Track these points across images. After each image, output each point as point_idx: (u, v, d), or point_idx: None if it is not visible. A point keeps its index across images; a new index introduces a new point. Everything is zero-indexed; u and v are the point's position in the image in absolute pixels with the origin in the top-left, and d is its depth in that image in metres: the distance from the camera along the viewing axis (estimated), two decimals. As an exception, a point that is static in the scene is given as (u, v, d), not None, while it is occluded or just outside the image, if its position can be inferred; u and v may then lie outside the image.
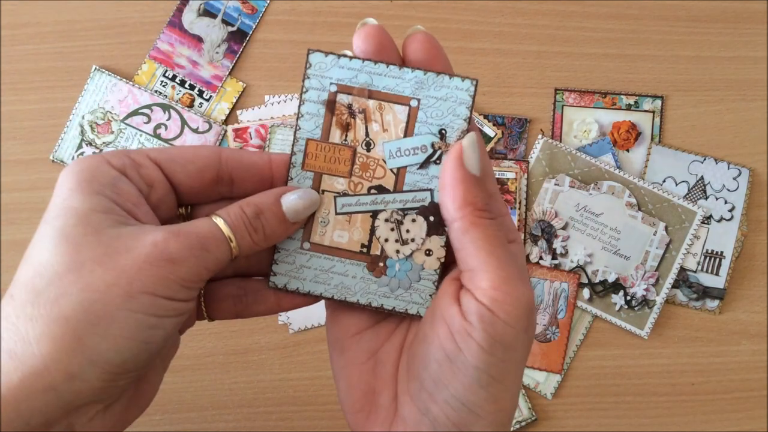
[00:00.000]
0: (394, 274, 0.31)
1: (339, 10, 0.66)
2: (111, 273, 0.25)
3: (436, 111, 0.30)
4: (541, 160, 0.66)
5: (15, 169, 0.64)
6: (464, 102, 0.30)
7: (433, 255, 0.31)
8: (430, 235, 0.31)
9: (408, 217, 0.31)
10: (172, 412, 0.63)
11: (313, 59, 0.31)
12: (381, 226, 0.31)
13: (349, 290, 0.31)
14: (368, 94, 0.30)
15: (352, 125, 0.31)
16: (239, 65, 0.66)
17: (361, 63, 0.30)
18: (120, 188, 0.27)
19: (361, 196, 0.31)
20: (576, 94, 0.67)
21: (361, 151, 0.31)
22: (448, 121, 0.30)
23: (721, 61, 0.68)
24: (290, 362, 0.64)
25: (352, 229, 0.31)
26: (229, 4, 0.66)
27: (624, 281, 0.65)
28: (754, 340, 0.66)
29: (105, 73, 0.64)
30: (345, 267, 0.31)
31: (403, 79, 0.30)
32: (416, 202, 0.31)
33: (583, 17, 0.68)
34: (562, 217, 0.65)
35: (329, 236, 0.31)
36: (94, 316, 0.24)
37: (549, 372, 0.65)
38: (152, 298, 0.25)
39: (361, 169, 0.31)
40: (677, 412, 0.65)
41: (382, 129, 0.31)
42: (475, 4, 0.67)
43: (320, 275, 0.31)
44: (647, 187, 0.65)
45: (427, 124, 0.30)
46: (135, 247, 0.25)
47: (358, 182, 0.31)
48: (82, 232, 0.25)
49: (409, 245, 0.31)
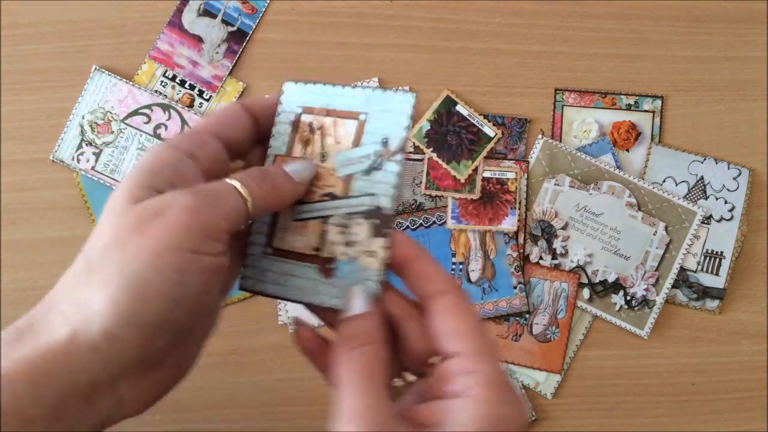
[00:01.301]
0: (343, 275, 0.33)
1: (339, 10, 0.66)
2: (141, 236, 0.27)
3: (381, 122, 0.33)
4: (541, 160, 0.66)
5: (15, 169, 0.64)
6: (405, 113, 0.33)
7: (377, 255, 0.32)
8: (375, 236, 0.33)
9: (353, 221, 0.33)
10: (172, 412, 0.63)
11: (285, 88, 0.35)
12: (331, 230, 0.33)
13: (303, 291, 0.33)
14: (326, 112, 0.34)
15: (311, 140, 0.34)
16: (239, 65, 0.66)
17: (323, 86, 0.35)
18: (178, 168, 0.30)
19: (314, 203, 0.34)
20: (576, 94, 0.67)
21: (317, 162, 0.34)
22: (390, 131, 0.33)
23: (721, 61, 0.68)
24: (290, 362, 0.64)
25: (307, 234, 0.34)
26: (229, 4, 0.66)
27: (624, 281, 0.65)
28: (754, 340, 0.66)
29: (105, 73, 0.64)
30: (300, 270, 0.34)
31: (355, 98, 0.34)
32: (361, 206, 0.33)
33: (583, 17, 0.68)
34: (562, 217, 0.65)
35: (288, 241, 0.34)
36: (127, 277, 0.26)
37: (549, 372, 0.65)
38: (177, 252, 0.27)
39: (316, 179, 0.34)
40: (677, 412, 0.65)
41: (335, 142, 0.34)
42: (475, 4, 0.67)
43: (280, 278, 0.34)
44: (647, 187, 0.65)
45: (373, 135, 0.33)
46: (161, 209, 0.27)
47: (313, 190, 0.34)
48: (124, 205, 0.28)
49: (354, 247, 0.33)
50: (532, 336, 0.65)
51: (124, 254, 0.26)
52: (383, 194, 0.33)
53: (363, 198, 0.33)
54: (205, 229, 0.28)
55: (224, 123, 0.33)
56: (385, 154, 0.33)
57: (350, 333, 0.30)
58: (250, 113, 0.34)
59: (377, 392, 0.28)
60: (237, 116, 0.33)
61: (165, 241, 0.26)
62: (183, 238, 0.27)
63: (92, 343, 0.26)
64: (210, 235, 0.28)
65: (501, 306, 0.64)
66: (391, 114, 0.33)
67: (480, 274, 0.65)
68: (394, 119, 0.33)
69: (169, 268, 0.26)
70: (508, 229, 0.64)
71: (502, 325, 0.65)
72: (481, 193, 0.65)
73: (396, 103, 0.33)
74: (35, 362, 0.26)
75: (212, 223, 0.28)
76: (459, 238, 0.65)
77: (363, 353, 0.29)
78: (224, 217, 0.29)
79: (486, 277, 0.65)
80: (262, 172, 0.32)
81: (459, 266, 0.65)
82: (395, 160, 0.33)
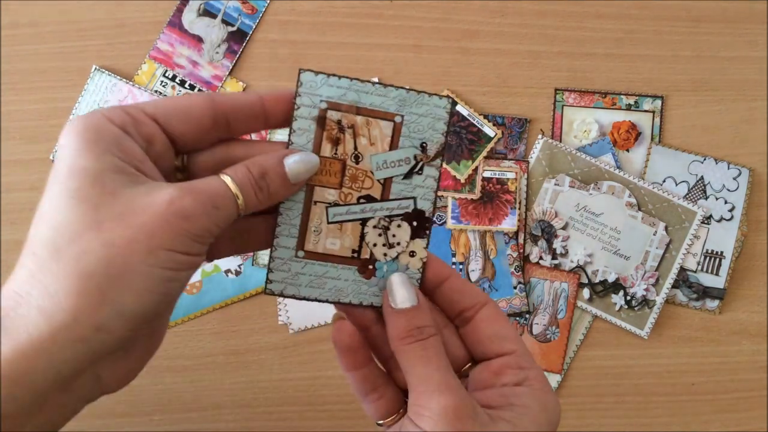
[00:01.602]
0: (383, 275, 0.34)
1: (339, 10, 0.66)
2: (130, 230, 0.26)
3: (417, 126, 0.33)
4: (541, 160, 0.66)
5: (15, 169, 0.64)
6: (442, 118, 0.33)
7: (417, 255, 0.34)
8: (414, 238, 0.34)
9: (394, 223, 0.34)
10: (172, 412, 0.63)
11: (304, 78, 0.33)
12: (370, 232, 0.34)
13: (342, 292, 0.34)
14: (356, 110, 0.33)
15: (342, 140, 0.33)
16: (239, 65, 0.66)
17: (349, 82, 0.33)
18: (125, 146, 0.28)
19: (351, 206, 0.33)
20: (576, 94, 0.67)
21: (351, 163, 0.33)
22: (428, 135, 0.33)
23: (721, 61, 0.68)
24: (290, 362, 0.64)
25: (343, 236, 0.34)
26: (229, 4, 0.66)
27: (624, 281, 0.65)
28: (754, 340, 0.66)
29: (105, 73, 0.64)
30: (338, 272, 0.34)
31: (388, 97, 0.33)
32: (401, 209, 0.34)
33: (583, 17, 0.68)
34: (562, 217, 0.65)
35: (322, 244, 0.34)
36: (116, 271, 0.26)
37: (549, 372, 0.65)
38: (170, 253, 0.27)
39: (351, 181, 0.33)
40: (677, 412, 0.65)
41: (369, 143, 0.33)
42: (475, 4, 0.67)
43: (315, 280, 0.34)
44: (647, 187, 0.65)
45: (410, 138, 0.33)
46: (151, 205, 0.27)
47: (348, 193, 0.33)
48: (99, 192, 0.26)
49: (395, 248, 0.34)
50: (532, 336, 0.65)
51: (109, 247, 0.26)
52: (424, 198, 0.34)
53: (404, 201, 0.34)
54: (198, 235, 0.28)
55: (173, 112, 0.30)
56: (425, 158, 0.34)
57: (413, 325, 0.32)
58: (217, 109, 0.31)
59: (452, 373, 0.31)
60: (193, 108, 0.30)
61: (158, 241, 0.26)
62: (176, 241, 0.27)
63: (79, 336, 0.25)
64: (201, 240, 0.28)
65: (501, 306, 0.64)
66: (428, 118, 0.33)
67: (480, 274, 0.65)
68: (431, 124, 0.33)
69: (160, 266, 0.26)
70: (508, 229, 0.64)
71: (502, 325, 0.65)
72: (481, 193, 0.65)
73: (432, 107, 0.33)
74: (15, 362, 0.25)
75: (206, 230, 0.28)
76: (459, 238, 0.65)
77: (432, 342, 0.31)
78: (216, 224, 0.28)
79: (486, 277, 0.65)
80: (261, 173, 0.30)
81: (459, 266, 0.65)
82: (435, 165, 0.34)
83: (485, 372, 0.34)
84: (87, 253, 0.25)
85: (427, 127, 0.33)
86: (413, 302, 0.32)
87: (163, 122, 0.30)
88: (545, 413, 0.31)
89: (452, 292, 0.34)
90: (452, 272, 0.35)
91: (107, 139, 0.27)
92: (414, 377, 0.31)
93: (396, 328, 0.32)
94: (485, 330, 0.34)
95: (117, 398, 0.62)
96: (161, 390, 0.63)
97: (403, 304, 0.32)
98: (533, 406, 0.31)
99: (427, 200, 0.34)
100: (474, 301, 0.34)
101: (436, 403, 0.29)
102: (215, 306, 0.64)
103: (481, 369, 0.34)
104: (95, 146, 0.27)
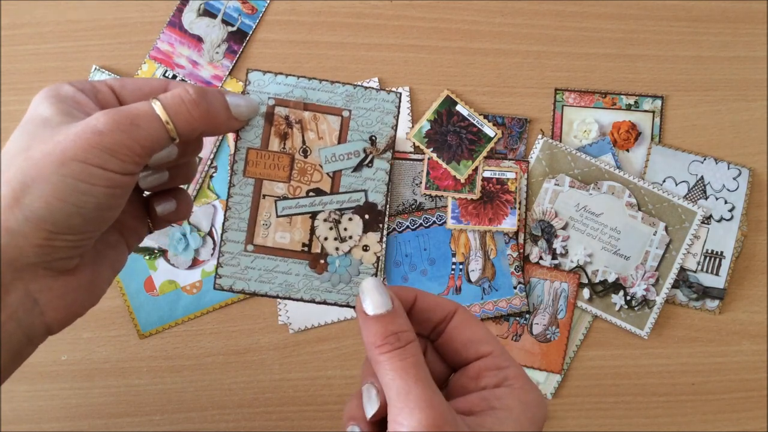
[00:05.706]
0: (335, 270, 0.34)
1: (339, 10, 0.66)
2: (49, 146, 0.29)
3: (365, 120, 0.34)
4: (541, 160, 0.66)
5: (15, 169, 0.64)
6: (391, 112, 0.34)
7: (370, 250, 0.34)
8: (367, 231, 0.34)
9: (345, 216, 0.34)
10: (172, 412, 0.63)
11: (252, 77, 0.34)
12: (320, 225, 0.34)
13: (293, 287, 0.34)
14: (304, 106, 0.34)
15: (290, 134, 0.34)
16: (239, 65, 0.66)
17: (297, 79, 0.34)
18: (78, 99, 0.32)
19: (300, 199, 0.34)
20: (576, 94, 0.67)
21: (299, 157, 0.34)
22: (377, 129, 0.34)
23: (721, 61, 0.68)
24: (290, 362, 0.64)
25: (293, 230, 0.34)
26: (229, 4, 0.66)
27: (624, 281, 0.65)
28: (754, 340, 0.66)
29: (105, 73, 0.64)
30: (288, 266, 0.34)
31: (335, 93, 0.34)
32: (352, 202, 0.34)
33: (583, 17, 0.68)
34: (562, 217, 0.65)
35: (272, 238, 0.34)
36: (30, 179, 0.29)
37: (549, 372, 0.65)
38: (82, 165, 0.29)
39: (299, 174, 0.34)
40: (677, 412, 0.65)
41: (317, 137, 0.34)
42: (475, 4, 0.67)
43: (264, 275, 0.34)
44: (647, 187, 0.65)
45: (358, 132, 0.34)
46: (75, 126, 0.30)
47: (297, 186, 0.34)
48: (42, 127, 0.30)
49: (347, 242, 0.34)
50: (532, 336, 0.65)
51: (27, 160, 0.29)
52: (375, 190, 0.34)
53: (354, 194, 0.34)
54: (112, 149, 0.29)
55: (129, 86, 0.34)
56: (375, 151, 0.34)
57: (388, 332, 0.31)
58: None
59: (432, 384, 0.30)
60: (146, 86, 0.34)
61: (70, 154, 0.29)
62: (89, 153, 0.29)
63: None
64: (117, 155, 0.29)
65: (501, 306, 0.64)
66: (376, 113, 0.34)
67: (480, 274, 0.65)
68: (380, 118, 0.34)
69: (72, 177, 0.29)
70: (508, 229, 0.64)
71: (502, 325, 0.65)
72: (481, 193, 0.65)
73: (380, 102, 0.34)
74: None
75: (121, 144, 0.30)
76: (459, 238, 0.65)
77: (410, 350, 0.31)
78: (137, 142, 0.30)
79: (486, 277, 0.65)
80: (200, 95, 0.32)
81: (459, 266, 0.65)
82: (385, 158, 0.34)
83: (464, 377, 0.33)
84: (11, 167, 0.29)
85: (376, 121, 0.34)
86: (388, 307, 0.31)
87: (118, 93, 0.33)
88: (528, 412, 0.31)
89: (422, 312, 0.34)
90: (417, 292, 0.34)
91: (62, 95, 0.31)
92: (392, 391, 0.30)
93: (371, 335, 0.31)
94: (459, 337, 0.34)
95: (117, 398, 0.63)
96: (161, 390, 0.63)
97: (378, 309, 0.31)
98: (515, 407, 0.31)
99: (379, 193, 0.34)
100: (445, 313, 0.34)
101: (416, 420, 0.28)
102: (215, 306, 0.64)
103: (460, 375, 0.34)
104: (53, 99, 0.31)
